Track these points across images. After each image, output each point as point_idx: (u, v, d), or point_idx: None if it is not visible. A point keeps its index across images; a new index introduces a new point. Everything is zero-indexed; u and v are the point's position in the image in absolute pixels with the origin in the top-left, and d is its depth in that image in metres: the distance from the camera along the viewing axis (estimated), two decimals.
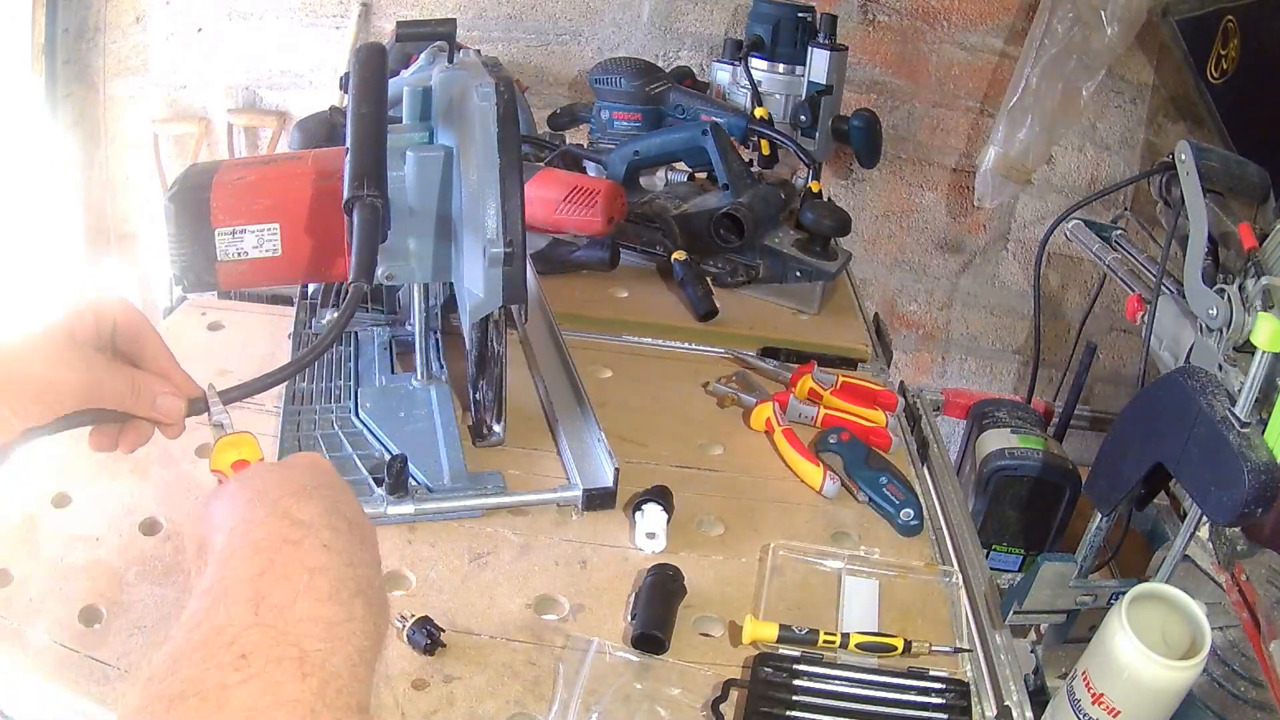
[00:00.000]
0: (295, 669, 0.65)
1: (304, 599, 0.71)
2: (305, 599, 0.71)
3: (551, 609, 1.27)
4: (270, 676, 0.64)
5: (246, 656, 0.65)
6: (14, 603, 1.20)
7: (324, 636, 0.69)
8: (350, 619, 0.72)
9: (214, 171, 1.37)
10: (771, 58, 2.49)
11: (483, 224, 1.28)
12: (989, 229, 3.42)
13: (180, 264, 1.36)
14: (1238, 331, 1.41)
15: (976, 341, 3.59)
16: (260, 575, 0.72)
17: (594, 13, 3.29)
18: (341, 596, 0.73)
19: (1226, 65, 2.71)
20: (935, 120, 3.29)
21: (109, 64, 3.50)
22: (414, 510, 1.35)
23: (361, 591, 0.76)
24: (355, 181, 1.18)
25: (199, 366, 1.06)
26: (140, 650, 1.14)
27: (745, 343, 1.92)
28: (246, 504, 0.81)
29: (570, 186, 1.98)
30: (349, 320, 1.10)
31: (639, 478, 1.46)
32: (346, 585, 0.75)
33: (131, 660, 1.13)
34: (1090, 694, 1.22)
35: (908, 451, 1.68)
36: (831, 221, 2.03)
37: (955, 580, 1.37)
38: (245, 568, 0.73)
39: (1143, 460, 1.44)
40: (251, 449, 0.97)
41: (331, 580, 0.74)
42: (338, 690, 0.66)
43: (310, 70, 3.46)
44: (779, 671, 1.17)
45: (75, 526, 1.32)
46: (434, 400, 1.57)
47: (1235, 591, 1.33)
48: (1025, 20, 3.06)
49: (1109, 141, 3.22)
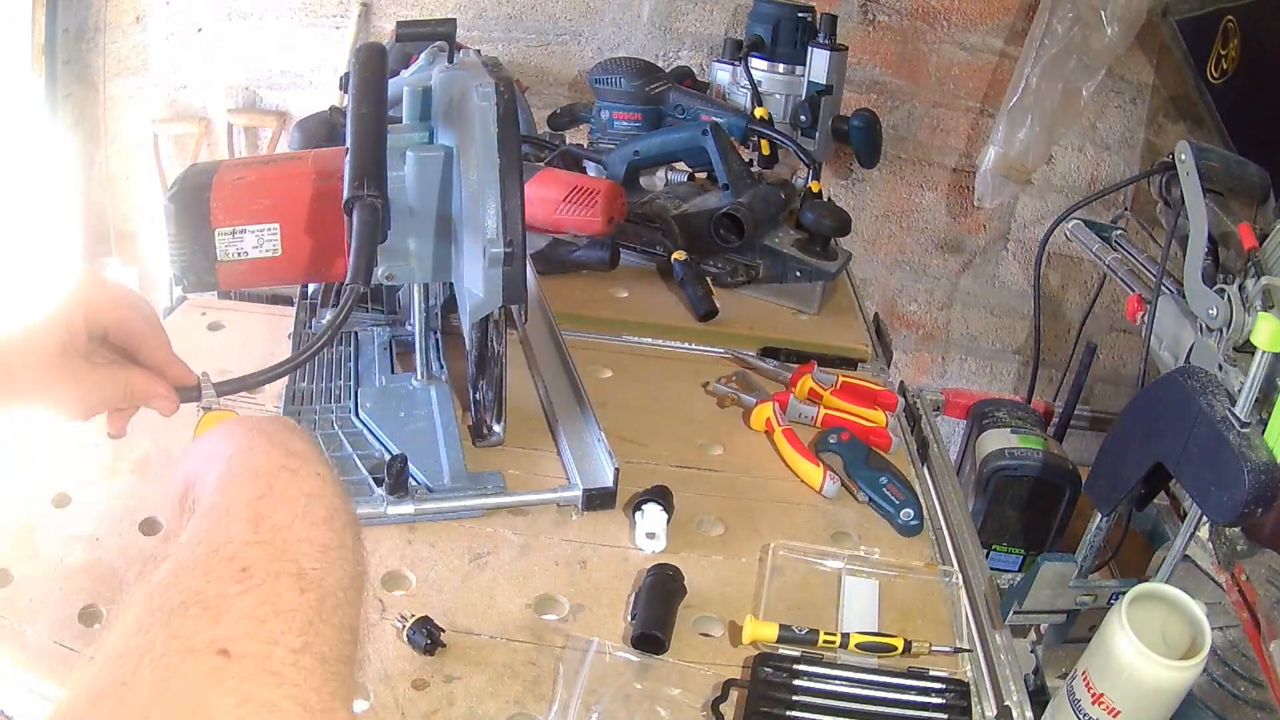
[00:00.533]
0: (293, 583, 0.67)
1: (301, 522, 0.73)
2: (302, 522, 0.73)
3: (552, 609, 1.26)
4: (270, 588, 0.66)
5: (247, 570, 0.67)
6: (14, 603, 1.20)
7: (319, 557, 0.71)
8: (342, 545, 0.75)
9: (214, 171, 1.37)
10: (771, 58, 2.49)
11: (483, 224, 1.28)
12: (989, 229, 3.42)
13: (180, 264, 1.36)
14: (1238, 331, 1.42)
15: (976, 341, 3.59)
16: (260, 498, 0.74)
17: (594, 13, 3.29)
18: (335, 524, 0.76)
19: (1226, 65, 2.71)
20: (935, 120, 3.30)
21: (109, 64, 3.50)
22: (414, 510, 1.35)
23: (351, 524, 0.78)
24: (355, 181, 1.18)
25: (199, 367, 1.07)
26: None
27: (745, 343, 1.92)
28: (245, 434, 0.84)
29: (570, 186, 1.98)
30: (345, 320, 1.10)
31: (639, 478, 1.46)
32: (339, 515, 0.77)
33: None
34: (1090, 694, 1.23)
35: (908, 451, 1.68)
36: (831, 221, 2.03)
37: (955, 580, 1.37)
38: (246, 490, 0.76)
39: (1143, 460, 1.44)
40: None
41: (326, 507, 0.76)
42: (333, 607, 0.68)
43: (310, 70, 3.46)
44: (779, 671, 1.17)
45: (75, 526, 1.32)
46: (434, 400, 1.57)
47: (1235, 591, 1.33)
48: (1025, 20, 3.06)
49: (1109, 141, 3.22)
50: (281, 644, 0.62)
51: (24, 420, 1.51)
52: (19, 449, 1.46)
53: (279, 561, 0.69)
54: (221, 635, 0.61)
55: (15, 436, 1.48)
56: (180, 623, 0.62)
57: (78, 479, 1.40)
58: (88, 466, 1.43)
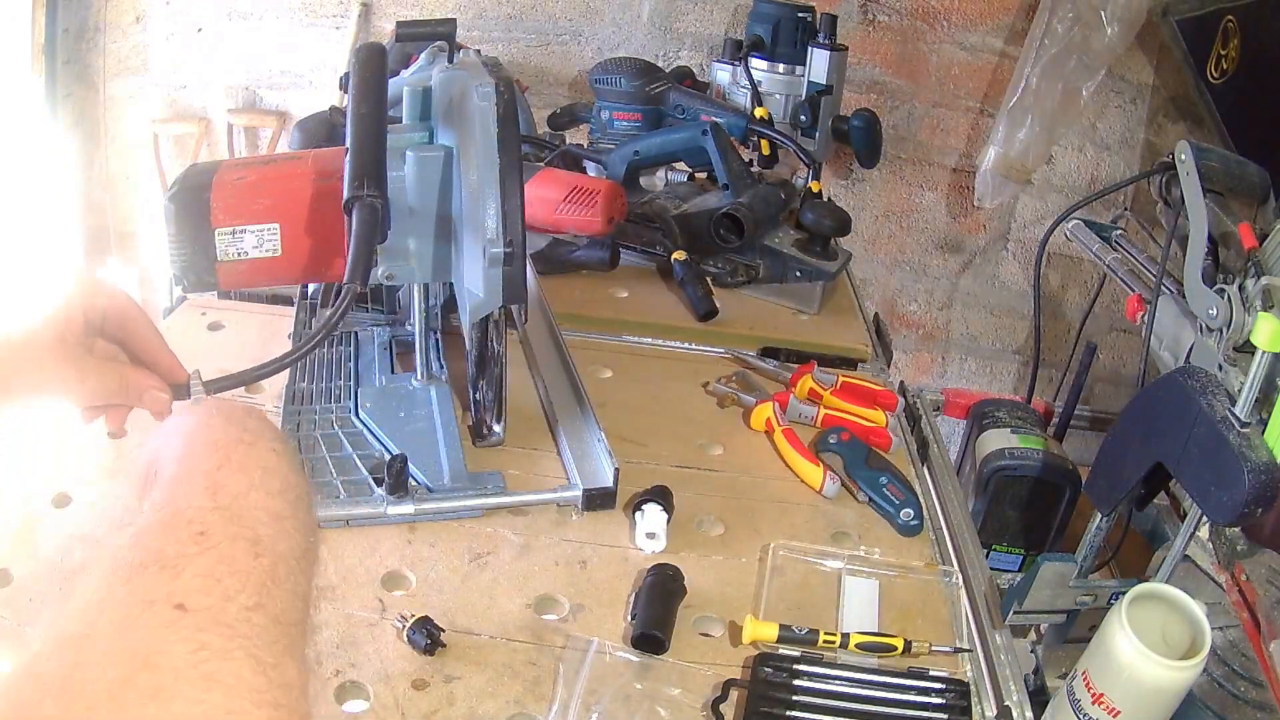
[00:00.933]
0: (249, 548, 0.70)
1: (257, 491, 0.76)
2: (258, 492, 0.76)
3: (551, 609, 1.26)
4: (226, 550, 0.68)
5: (205, 533, 0.69)
6: (14, 602, 1.19)
7: (273, 525, 0.74)
8: (295, 517, 0.77)
9: (214, 171, 1.37)
10: (771, 58, 2.49)
11: (483, 224, 1.28)
12: (989, 229, 3.42)
13: (180, 264, 1.36)
14: (1238, 331, 1.42)
15: (976, 341, 3.59)
16: (218, 469, 0.77)
17: (594, 13, 3.29)
18: (289, 496, 0.78)
19: (1226, 65, 2.72)
20: (935, 120, 3.30)
21: (109, 64, 3.50)
22: (414, 510, 1.35)
23: (304, 499, 0.81)
24: (355, 181, 1.18)
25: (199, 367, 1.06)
26: None
27: (745, 343, 1.92)
28: (205, 413, 0.88)
29: (570, 186, 1.98)
30: (341, 319, 1.10)
31: (639, 478, 1.45)
32: (294, 488, 0.80)
33: None
34: (1090, 694, 1.23)
35: (908, 451, 1.68)
36: (831, 221, 2.03)
37: (955, 580, 1.37)
38: (204, 461, 0.78)
39: (1143, 460, 1.44)
40: None
41: (281, 480, 0.79)
42: (286, 573, 0.71)
43: (310, 70, 3.46)
44: (779, 671, 1.17)
45: (76, 526, 1.32)
46: (434, 400, 1.57)
47: (1235, 591, 1.33)
48: (1025, 20, 3.06)
49: (1109, 141, 3.22)
50: (236, 601, 0.65)
51: (25, 420, 1.51)
52: (20, 449, 1.46)
53: (235, 526, 0.71)
54: (179, 590, 0.63)
55: (16, 436, 1.48)
56: (140, 580, 0.65)
57: (78, 479, 1.40)
58: (88, 466, 1.42)
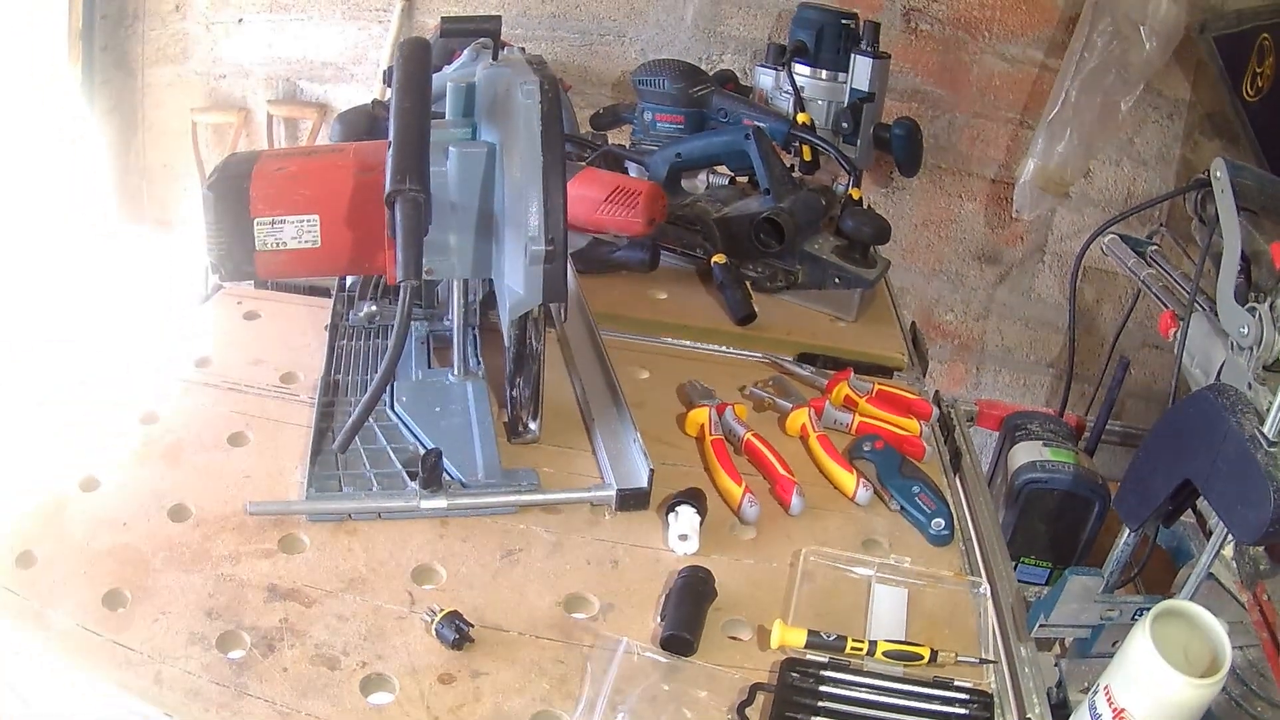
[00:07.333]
0: None
1: None
2: None
3: (581, 608, 1.27)
4: None
5: None
6: (38, 584, 1.21)
7: None
8: None
9: (254, 161, 1.38)
10: (815, 63, 2.48)
11: (524, 221, 1.29)
12: (1026, 241, 3.41)
13: (218, 253, 1.37)
14: (1268, 350, 1.41)
15: (1011, 354, 3.58)
16: None
17: (638, 14, 3.30)
18: None
19: (1261, 83, 2.70)
20: (975, 131, 3.29)
21: (147, 51, 3.53)
22: (447, 505, 1.36)
23: None
24: (398, 176, 1.18)
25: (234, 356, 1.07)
26: (164, 635, 1.15)
27: (782, 348, 1.92)
28: None
29: (612, 187, 1.98)
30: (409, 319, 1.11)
31: (673, 479, 1.46)
32: None
33: (155, 645, 1.14)
34: (1112, 709, 1.22)
35: (940, 461, 1.68)
36: (871, 229, 2.03)
37: (983, 591, 1.37)
38: None
39: (1171, 476, 1.43)
40: None
41: None
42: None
43: (351, 63, 3.48)
44: (806, 677, 1.18)
45: (103, 510, 1.33)
46: (470, 396, 1.57)
47: (1256, 611, 1.33)
48: (1065, 33, 3.05)
49: (1145, 156, 3.21)
50: None
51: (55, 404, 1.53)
52: (49, 432, 1.48)
53: None
54: None
55: (46, 419, 1.50)
56: None
57: (107, 463, 1.41)
58: (118, 451, 1.44)
